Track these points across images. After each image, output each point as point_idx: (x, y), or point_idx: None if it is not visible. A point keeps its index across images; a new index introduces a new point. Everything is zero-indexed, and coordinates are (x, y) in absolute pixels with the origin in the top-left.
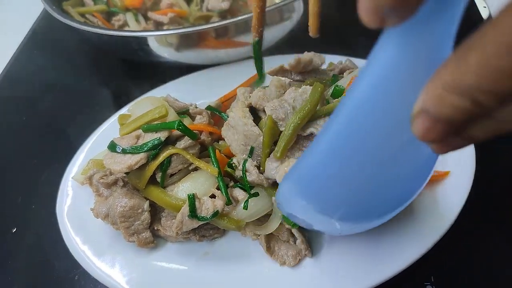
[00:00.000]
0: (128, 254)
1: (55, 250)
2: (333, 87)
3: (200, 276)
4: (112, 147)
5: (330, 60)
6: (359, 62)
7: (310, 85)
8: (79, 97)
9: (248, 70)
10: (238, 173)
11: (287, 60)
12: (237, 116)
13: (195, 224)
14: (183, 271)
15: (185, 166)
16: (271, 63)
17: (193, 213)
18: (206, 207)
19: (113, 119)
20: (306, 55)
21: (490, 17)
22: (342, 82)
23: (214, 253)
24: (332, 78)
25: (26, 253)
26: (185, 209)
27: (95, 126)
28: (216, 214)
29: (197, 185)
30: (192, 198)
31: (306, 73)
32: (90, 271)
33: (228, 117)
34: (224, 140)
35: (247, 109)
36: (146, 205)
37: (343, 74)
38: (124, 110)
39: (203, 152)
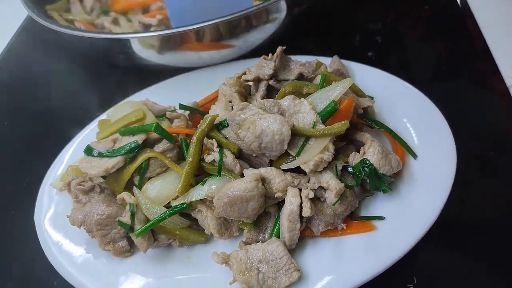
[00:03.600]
0: (107, 261)
1: (34, 256)
2: (328, 104)
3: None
4: (89, 151)
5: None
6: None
7: (290, 91)
8: (61, 103)
9: (231, 72)
10: (212, 157)
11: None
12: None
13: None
14: (164, 276)
15: (164, 169)
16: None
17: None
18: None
19: (94, 124)
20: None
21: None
22: (332, 94)
23: (196, 257)
24: (318, 85)
25: (5, 257)
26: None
27: (77, 131)
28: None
29: (166, 183)
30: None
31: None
32: (69, 279)
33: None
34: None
35: (229, 102)
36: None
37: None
38: (104, 116)
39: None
